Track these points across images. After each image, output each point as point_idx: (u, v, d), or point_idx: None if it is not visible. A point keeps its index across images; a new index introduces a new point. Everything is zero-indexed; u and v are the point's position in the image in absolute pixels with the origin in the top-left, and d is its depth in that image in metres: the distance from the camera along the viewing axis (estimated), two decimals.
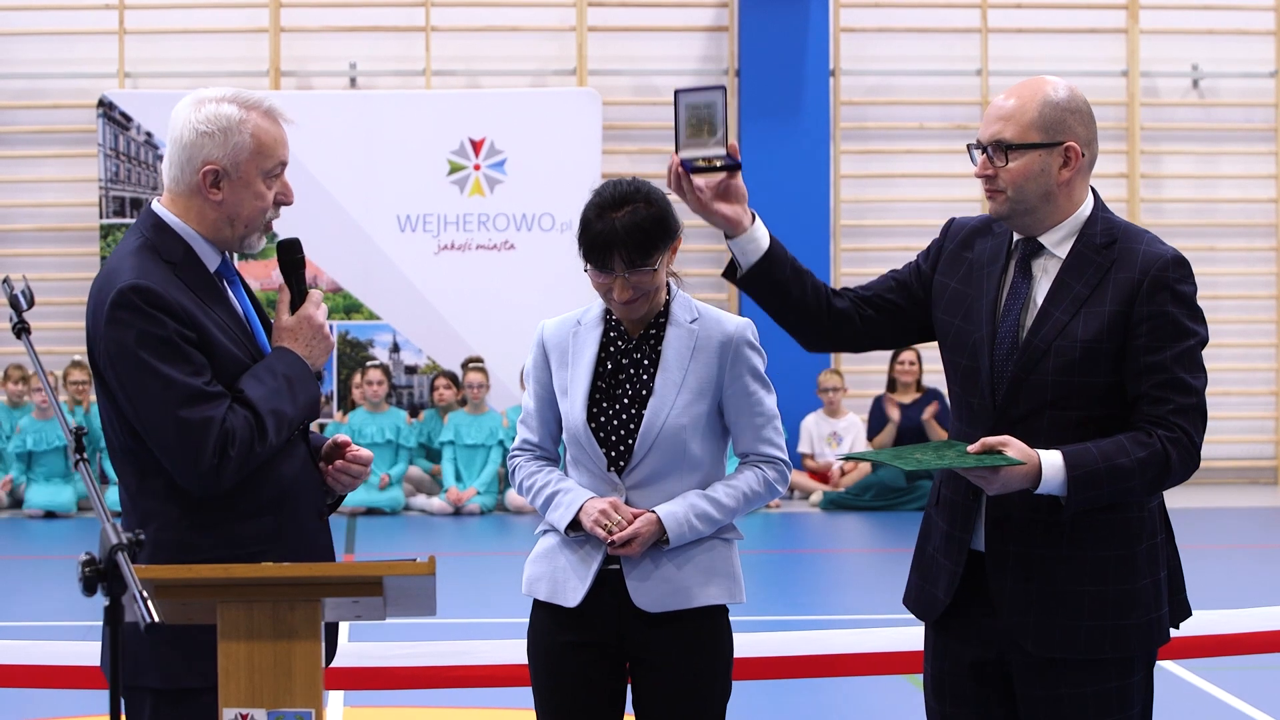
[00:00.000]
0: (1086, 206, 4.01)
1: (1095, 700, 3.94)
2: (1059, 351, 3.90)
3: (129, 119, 14.83)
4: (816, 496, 14.65)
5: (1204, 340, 3.93)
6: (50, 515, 13.95)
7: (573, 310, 4.44)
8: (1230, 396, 15.71)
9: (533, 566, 4.39)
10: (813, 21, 15.50)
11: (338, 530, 12.88)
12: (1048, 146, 3.92)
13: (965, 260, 4.08)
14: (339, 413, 14.73)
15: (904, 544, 4.25)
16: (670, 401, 4.27)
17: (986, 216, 4.10)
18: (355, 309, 15.04)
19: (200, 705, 3.67)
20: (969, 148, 4.04)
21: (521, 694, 4.68)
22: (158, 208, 3.88)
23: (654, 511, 4.25)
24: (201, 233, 3.85)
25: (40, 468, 14.14)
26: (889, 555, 12.14)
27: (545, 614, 4.35)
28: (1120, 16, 16.08)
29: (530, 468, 4.42)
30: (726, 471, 4.39)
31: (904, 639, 5.25)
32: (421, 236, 15.05)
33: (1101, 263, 3.94)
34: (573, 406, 4.32)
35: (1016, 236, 4.03)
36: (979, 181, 4.00)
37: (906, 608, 4.19)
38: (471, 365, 14.60)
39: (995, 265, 4.03)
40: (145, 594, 2.94)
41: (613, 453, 4.29)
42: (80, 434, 3.27)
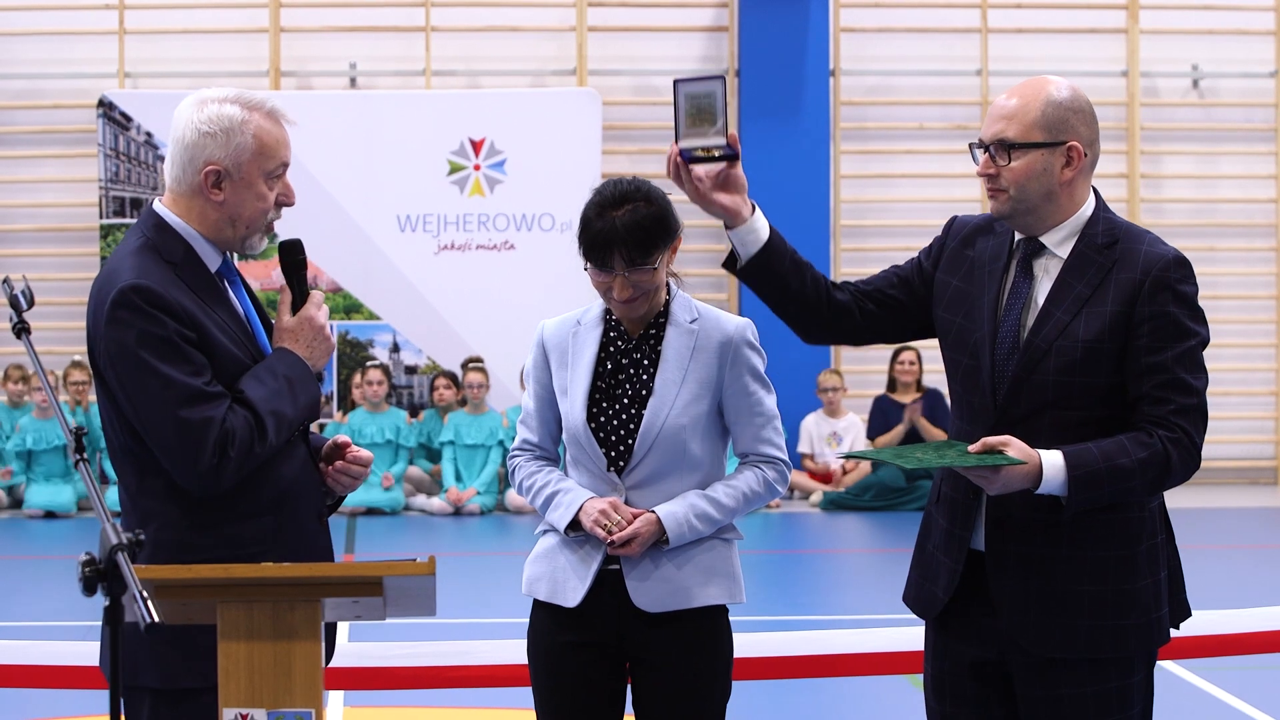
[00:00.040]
0: (1088, 206, 4.00)
1: (1095, 700, 3.94)
2: (1060, 351, 3.90)
3: (129, 119, 14.82)
4: (816, 496, 14.64)
5: (1205, 341, 3.93)
6: (50, 515, 13.95)
7: (573, 310, 4.44)
8: (1230, 397, 15.71)
9: (532, 566, 4.38)
10: (813, 21, 15.50)
11: (338, 530, 12.88)
12: (1050, 146, 3.92)
13: (967, 258, 4.07)
14: (339, 413, 14.73)
15: (904, 544, 4.25)
16: (670, 401, 4.27)
17: (989, 215, 4.09)
18: (355, 309, 15.04)
19: (199, 705, 3.67)
20: (971, 147, 4.04)
21: (521, 694, 4.68)
22: (159, 208, 3.88)
23: (654, 511, 4.25)
24: (203, 233, 3.85)
25: (40, 467, 14.14)
26: (889, 555, 12.13)
27: (545, 614, 4.35)
28: (1120, 16, 16.08)
29: (530, 468, 4.42)
30: (726, 471, 4.39)
31: (904, 639, 5.25)
32: (421, 236, 15.05)
33: (1103, 263, 3.93)
34: (572, 406, 4.32)
35: (1018, 236, 4.03)
36: (979, 182, 4.00)
37: (906, 605, 4.19)
38: (471, 365, 14.59)
39: (997, 264, 4.03)
40: (145, 594, 2.93)
41: (612, 453, 4.29)
42: (80, 434, 3.27)
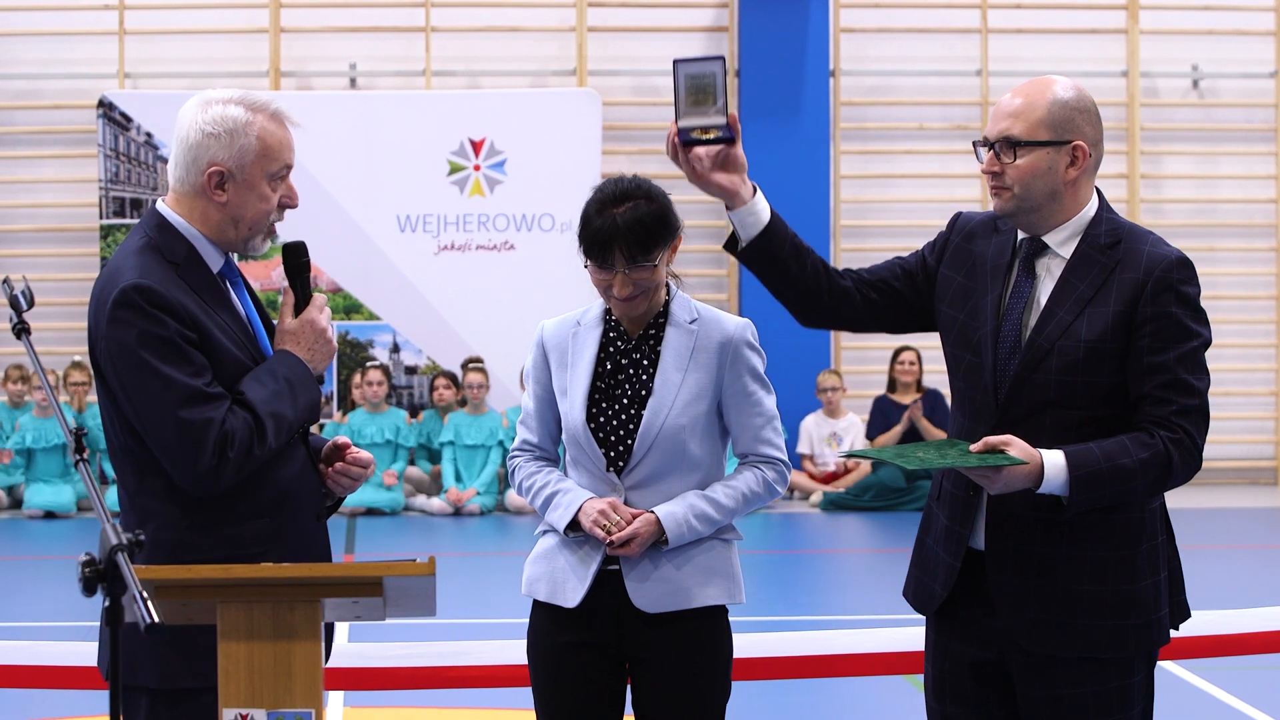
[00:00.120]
0: (1091, 207, 4.00)
1: (1095, 700, 3.94)
2: (1062, 351, 3.90)
3: (129, 119, 14.82)
4: (816, 497, 14.64)
5: (1207, 342, 3.93)
6: (50, 515, 13.95)
7: (572, 311, 4.44)
8: (1230, 397, 15.71)
9: (532, 567, 4.38)
10: (813, 22, 15.50)
11: (338, 531, 12.88)
12: (1055, 145, 3.92)
13: (971, 255, 4.08)
14: (339, 413, 14.72)
15: (904, 544, 4.25)
16: (669, 402, 4.26)
17: (993, 213, 4.09)
18: (355, 309, 15.03)
19: (197, 705, 3.67)
20: (975, 145, 4.04)
21: (521, 694, 4.68)
22: (162, 208, 3.88)
23: (653, 512, 4.25)
24: (205, 234, 3.85)
25: (40, 466, 14.14)
26: (889, 555, 12.13)
27: (545, 614, 4.35)
28: (1120, 17, 16.08)
29: (530, 468, 4.42)
30: (726, 472, 4.39)
31: (904, 639, 5.25)
32: (421, 237, 15.05)
33: (1106, 263, 3.93)
34: (572, 407, 4.32)
35: (1021, 235, 4.03)
36: (979, 182, 4.02)
37: (905, 599, 4.19)
38: (471, 365, 14.59)
39: (1000, 263, 4.03)
40: (145, 594, 2.93)
41: (612, 453, 4.29)
42: (80, 434, 3.27)
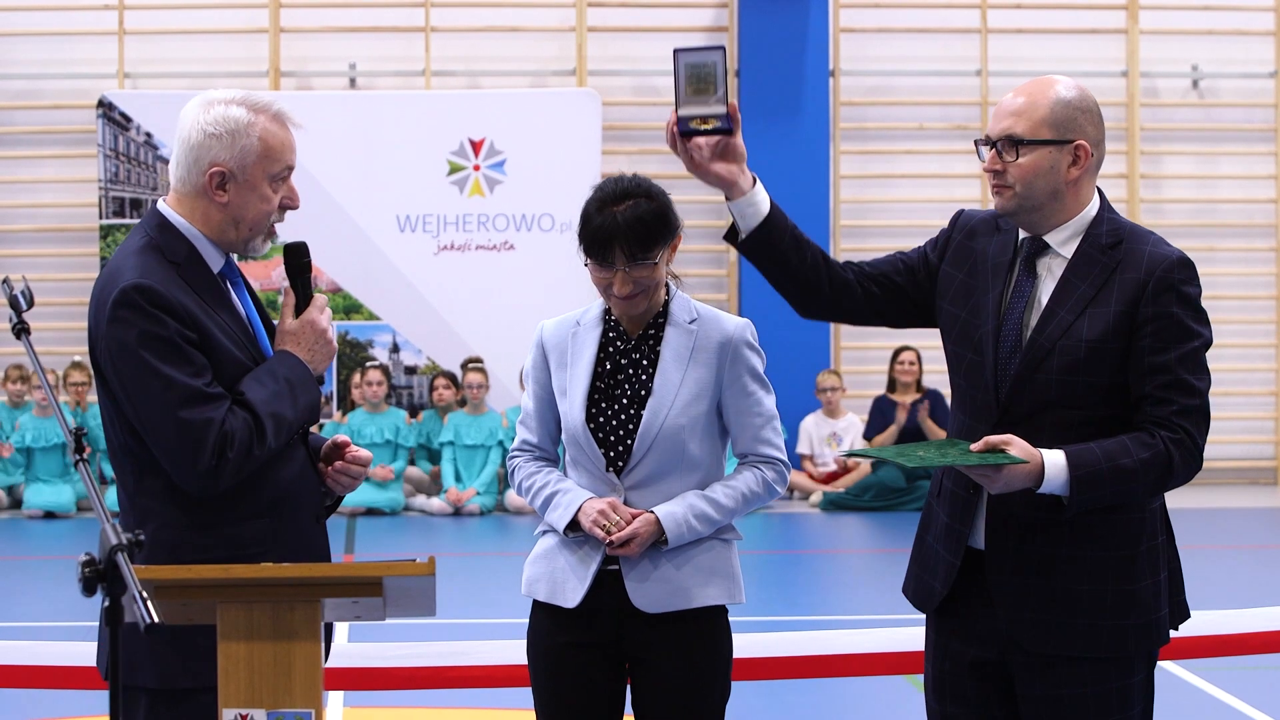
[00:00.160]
0: (1093, 207, 4.01)
1: (1096, 700, 3.94)
2: (1064, 351, 3.90)
3: (128, 119, 14.82)
4: (816, 497, 14.64)
5: (1208, 342, 3.93)
6: (50, 515, 13.94)
7: (572, 311, 4.44)
8: (1230, 397, 15.71)
9: (532, 567, 4.38)
10: (812, 22, 15.50)
11: (338, 531, 12.88)
12: (1058, 144, 3.92)
13: (972, 253, 4.08)
14: (338, 413, 14.72)
15: (904, 544, 4.26)
16: (669, 402, 4.26)
17: (995, 212, 4.09)
18: (355, 309, 15.03)
19: (197, 705, 3.67)
20: (976, 143, 4.04)
21: (521, 694, 4.68)
22: (163, 208, 3.88)
23: (653, 512, 4.24)
24: (206, 234, 3.85)
25: (40, 466, 14.13)
26: (888, 555, 12.13)
27: (545, 614, 4.35)
28: (1120, 17, 16.08)
29: (529, 468, 4.42)
30: (726, 472, 4.39)
31: (904, 639, 5.25)
32: (421, 237, 15.05)
33: (1107, 263, 3.93)
34: (572, 407, 4.32)
35: (1022, 235, 4.03)
36: (979, 182, 4.02)
37: (905, 596, 4.19)
38: (471, 366, 14.59)
39: (1001, 262, 4.03)
40: (145, 594, 2.93)
41: (611, 453, 4.29)
42: (80, 434, 3.27)
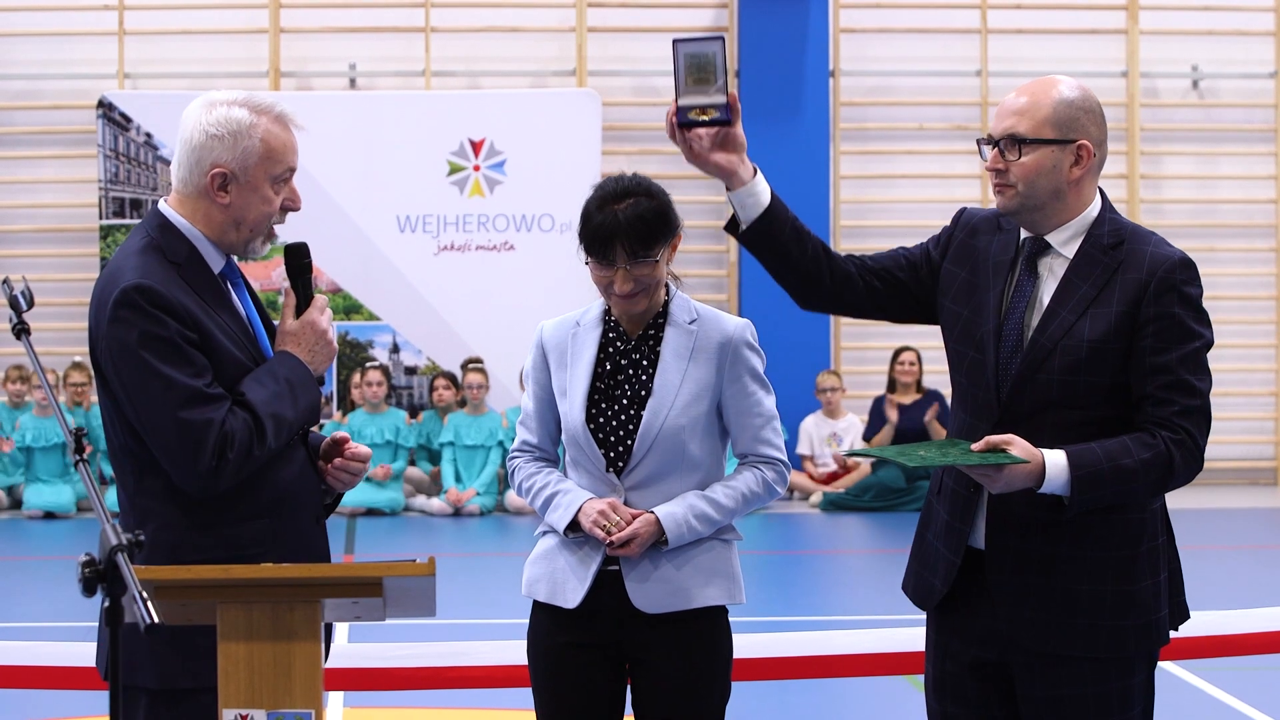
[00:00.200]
0: (1094, 207, 4.01)
1: (1096, 701, 3.94)
2: (1065, 351, 3.90)
3: (128, 120, 14.82)
4: (816, 497, 14.63)
5: (1209, 343, 3.93)
6: (49, 516, 13.94)
7: (572, 311, 4.44)
8: (1230, 397, 15.70)
9: (532, 568, 4.38)
10: (812, 22, 15.50)
11: (337, 531, 12.87)
12: (1061, 143, 3.92)
13: (974, 251, 4.08)
14: (338, 413, 14.72)
15: (903, 545, 4.26)
16: (669, 402, 4.26)
17: (997, 210, 4.10)
18: (355, 310, 15.03)
19: (197, 706, 3.67)
20: (979, 142, 4.05)
21: (521, 695, 4.68)
22: (164, 208, 3.88)
23: (653, 512, 4.24)
24: (207, 235, 3.86)
25: (39, 466, 14.12)
26: (888, 556, 12.13)
27: (545, 615, 4.35)
28: (1120, 17, 16.08)
29: (529, 469, 4.42)
30: (726, 472, 4.39)
31: (904, 639, 5.24)
32: (421, 237, 15.05)
33: (1109, 263, 3.94)
34: (572, 407, 4.32)
35: (1024, 234, 4.03)
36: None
37: (904, 593, 4.19)
38: (471, 366, 14.59)
39: (1003, 261, 4.03)
40: (145, 595, 2.93)
41: (611, 453, 4.29)
42: (80, 434, 3.27)
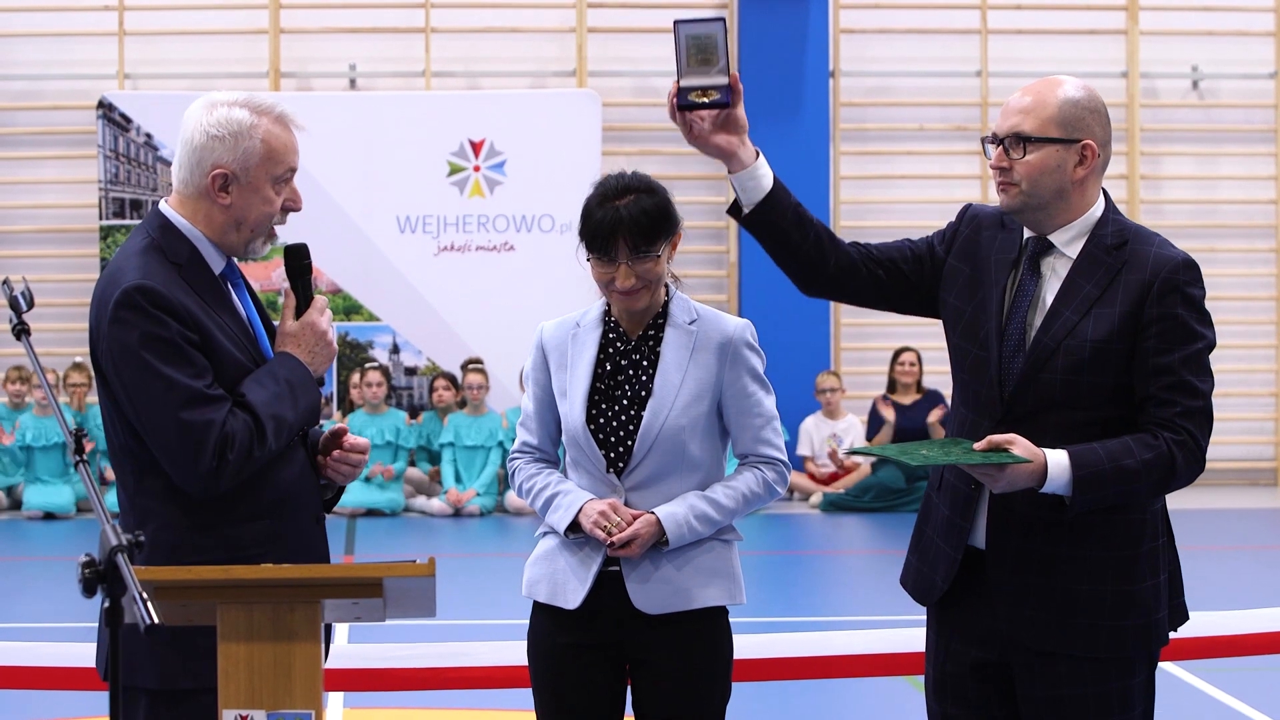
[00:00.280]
0: (1098, 208, 4.01)
1: (1096, 701, 3.94)
2: (1069, 351, 3.90)
3: (128, 120, 14.82)
4: (816, 498, 14.63)
5: (1212, 344, 3.93)
6: (49, 517, 13.94)
7: (572, 312, 4.44)
8: (1230, 398, 15.68)
9: (533, 568, 4.38)
10: (812, 23, 15.49)
11: (337, 532, 12.87)
12: (1066, 143, 3.93)
13: (977, 248, 4.08)
14: (338, 414, 14.72)
15: (903, 545, 4.26)
16: (669, 403, 4.26)
17: (1000, 209, 4.10)
18: (355, 310, 15.03)
19: (197, 706, 3.67)
20: (983, 141, 4.05)
21: (522, 695, 4.68)
22: (165, 209, 3.88)
23: (653, 513, 4.25)
24: (208, 235, 3.86)
25: (39, 466, 14.12)
26: (888, 556, 12.13)
27: (545, 616, 4.35)
28: (1120, 18, 16.08)
29: (529, 470, 4.42)
30: (726, 472, 4.39)
31: (904, 640, 5.24)
32: (421, 238, 15.05)
33: (1112, 264, 3.94)
34: (572, 408, 4.32)
35: (1027, 234, 4.03)
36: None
37: (903, 588, 4.19)
38: (471, 367, 14.59)
39: (1005, 259, 4.03)
40: (145, 595, 2.93)
41: (612, 454, 4.29)
42: (80, 434, 3.27)
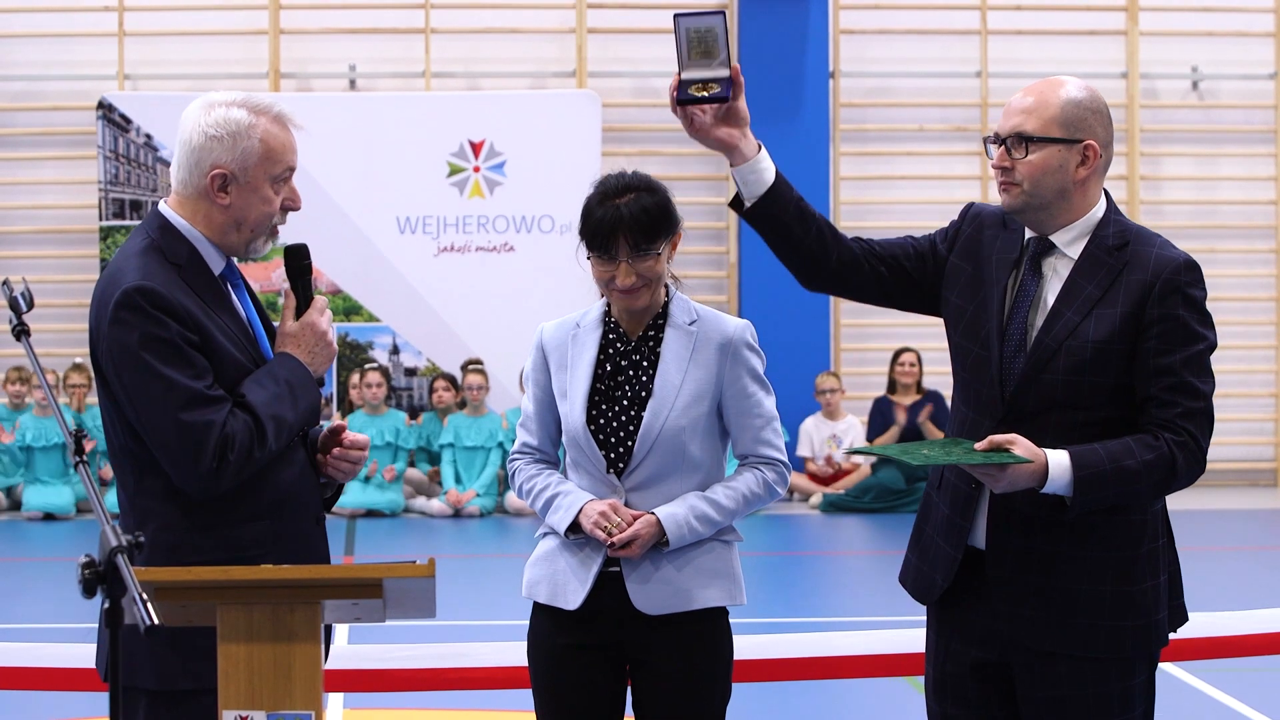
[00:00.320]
0: (1099, 208, 4.01)
1: (1097, 702, 3.94)
2: (1070, 351, 3.90)
3: (128, 121, 14.82)
4: (816, 498, 14.63)
5: (1213, 345, 3.94)
6: (49, 517, 13.94)
7: (572, 313, 4.44)
8: (1230, 398, 15.68)
9: (533, 569, 4.38)
10: (812, 23, 15.49)
11: (337, 533, 12.87)
12: (1068, 143, 3.93)
13: (979, 247, 4.08)
14: (338, 415, 14.72)
15: (903, 546, 4.26)
16: (669, 403, 4.26)
17: (1002, 209, 4.10)
18: (355, 311, 15.03)
19: (197, 707, 3.67)
20: (985, 141, 4.05)
21: (522, 696, 4.68)
22: (164, 209, 3.88)
23: (654, 513, 4.24)
24: (208, 236, 3.86)
25: (39, 466, 14.11)
26: (888, 557, 12.12)
27: (545, 616, 4.35)
28: (1120, 18, 16.08)
29: (530, 471, 4.42)
30: (726, 473, 4.39)
31: (904, 641, 5.24)
32: (421, 238, 15.05)
33: (1113, 264, 3.94)
34: (572, 409, 4.32)
35: (1029, 234, 4.03)
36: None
37: (902, 586, 4.19)
38: (471, 367, 14.59)
39: (1007, 259, 4.03)
40: (145, 596, 2.93)
41: (612, 455, 4.29)
42: (80, 435, 3.27)
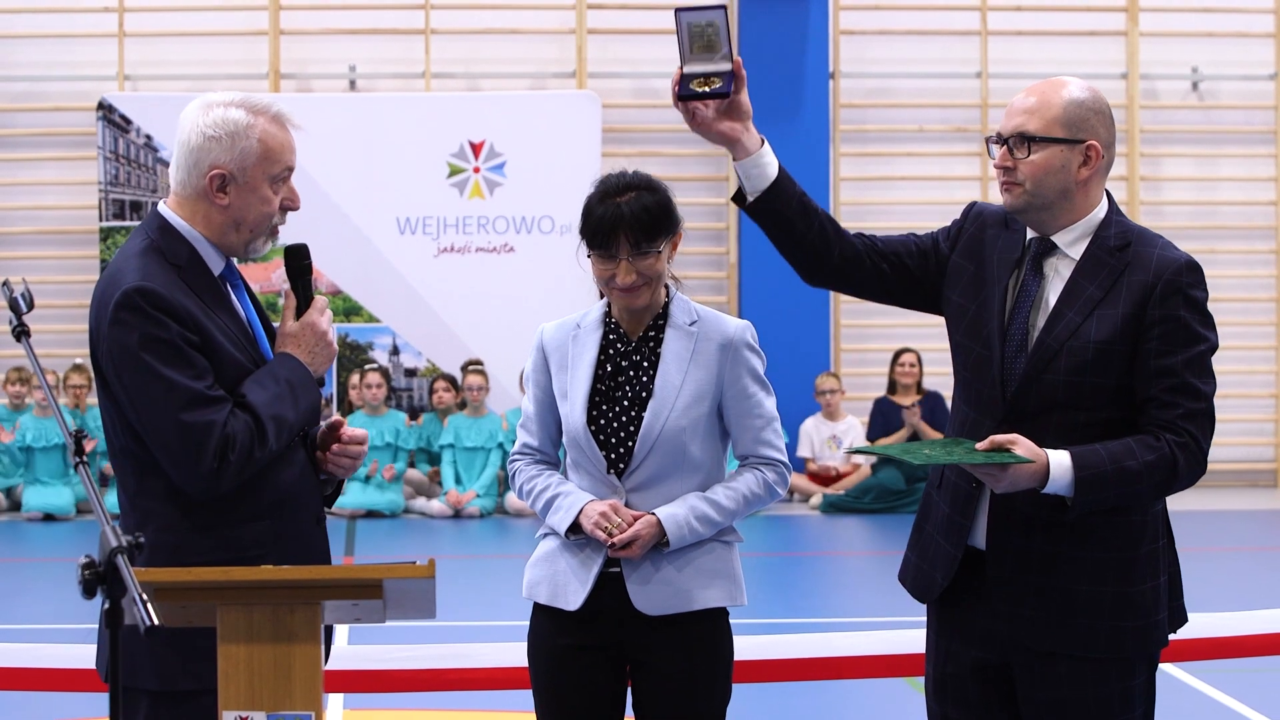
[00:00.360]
0: (1101, 209, 4.01)
1: (1097, 703, 3.94)
2: (1072, 352, 3.91)
3: (128, 121, 14.82)
4: (816, 499, 14.63)
5: (1214, 346, 3.94)
6: (49, 518, 13.94)
7: (572, 314, 4.44)
8: (1230, 399, 15.68)
9: (533, 570, 4.38)
10: (812, 24, 15.50)
11: (337, 533, 12.87)
12: (1070, 143, 3.93)
13: (982, 246, 4.08)
14: (338, 415, 14.69)
15: (903, 546, 4.26)
16: (670, 404, 4.26)
17: (1004, 209, 4.10)
18: (355, 311, 15.03)
19: (197, 707, 3.67)
20: (987, 140, 4.05)
21: (522, 697, 4.67)
22: (164, 210, 3.88)
23: (654, 514, 4.25)
24: (207, 236, 3.86)
25: (39, 467, 14.11)
26: (889, 558, 12.10)
27: (546, 617, 4.35)
28: (1120, 19, 16.08)
29: (530, 471, 4.42)
30: (726, 473, 4.39)
31: (904, 641, 5.24)
32: (421, 239, 15.05)
33: (1115, 265, 3.94)
34: (572, 409, 4.32)
35: (1030, 234, 4.03)
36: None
37: (902, 585, 4.18)
38: (471, 368, 14.59)
39: (1008, 259, 4.03)
40: (145, 597, 2.93)
41: (612, 455, 4.29)
42: (80, 436, 3.27)
